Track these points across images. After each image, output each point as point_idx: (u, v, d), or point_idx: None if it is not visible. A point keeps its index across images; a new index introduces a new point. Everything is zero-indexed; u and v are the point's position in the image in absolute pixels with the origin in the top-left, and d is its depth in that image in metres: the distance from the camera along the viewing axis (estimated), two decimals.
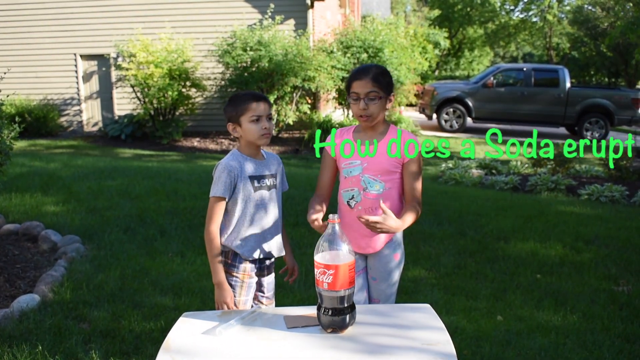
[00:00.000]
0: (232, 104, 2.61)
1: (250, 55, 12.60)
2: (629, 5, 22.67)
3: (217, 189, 2.51)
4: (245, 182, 2.55)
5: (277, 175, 2.70)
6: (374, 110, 2.57)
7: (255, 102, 2.55)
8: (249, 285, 2.62)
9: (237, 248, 2.56)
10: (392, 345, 1.96)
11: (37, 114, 14.20)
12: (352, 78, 2.62)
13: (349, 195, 2.67)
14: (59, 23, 14.74)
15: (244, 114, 2.55)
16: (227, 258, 2.60)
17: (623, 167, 9.01)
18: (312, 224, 2.42)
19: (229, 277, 2.60)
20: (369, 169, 2.62)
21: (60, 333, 3.54)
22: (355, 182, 2.65)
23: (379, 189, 2.61)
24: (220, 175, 2.52)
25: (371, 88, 2.55)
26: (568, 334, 3.75)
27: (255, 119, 2.54)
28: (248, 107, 2.54)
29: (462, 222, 6.12)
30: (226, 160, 2.57)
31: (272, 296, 2.76)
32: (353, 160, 2.66)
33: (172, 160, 11.19)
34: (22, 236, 5.42)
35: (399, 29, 15.89)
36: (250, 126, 2.55)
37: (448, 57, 39.96)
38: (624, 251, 5.40)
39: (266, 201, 2.61)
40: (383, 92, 2.58)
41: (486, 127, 17.50)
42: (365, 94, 2.56)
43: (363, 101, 2.56)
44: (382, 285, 2.76)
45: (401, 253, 2.78)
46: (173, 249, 5.20)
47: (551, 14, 34.10)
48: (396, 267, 2.77)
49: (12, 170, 7.31)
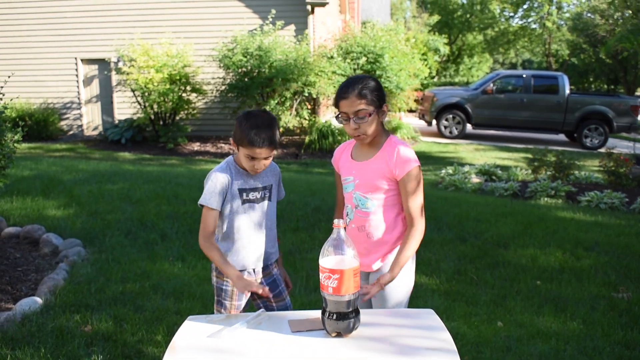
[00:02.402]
0: (241, 127, 2.44)
1: (251, 62, 12.63)
2: (628, 12, 22.75)
3: (207, 200, 2.46)
4: (233, 194, 2.50)
5: (271, 186, 2.62)
6: (367, 129, 2.43)
7: (259, 147, 2.40)
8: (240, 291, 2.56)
9: (226, 256, 2.52)
10: (396, 350, 1.97)
11: (37, 118, 14.24)
12: (338, 97, 2.47)
13: (346, 212, 2.62)
14: (59, 27, 14.79)
15: (243, 146, 2.43)
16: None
17: (622, 174, 9.04)
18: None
19: (220, 283, 2.59)
20: (360, 186, 2.52)
21: (63, 336, 3.55)
22: (348, 199, 2.57)
23: (370, 207, 2.51)
24: (213, 185, 2.47)
25: (358, 106, 2.40)
26: (568, 340, 3.76)
27: (252, 158, 2.44)
28: (249, 147, 2.41)
29: (462, 228, 6.13)
30: (217, 170, 2.51)
31: (279, 294, 2.68)
32: (347, 177, 2.58)
33: (172, 165, 11.21)
34: (23, 239, 5.43)
35: (399, 35, 15.94)
36: (244, 158, 2.46)
37: (447, 64, 40.08)
38: (624, 258, 5.42)
39: (255, 214, 2.56)
40: (373, 107, 2.42)
41: (486, 133, 17.54)
42: (353, 112, 2.41)
43: (352, 121, 2.42)
44: (383, 305, 2.57)
45: (405, 269, 2.52)
46: (174, 253, 5.21)
47: (550, 21, 34.22)
48: (399, 285, 2.52)
49: (14, 173, 7.33)
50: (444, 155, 13.25)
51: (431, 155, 13.08)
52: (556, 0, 34.09)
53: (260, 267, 2.63)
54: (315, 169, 11.33)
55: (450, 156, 13.17)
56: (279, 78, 12.52)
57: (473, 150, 14.59)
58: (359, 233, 2.54)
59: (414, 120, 19.42)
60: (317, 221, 6.17)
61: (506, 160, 12.79)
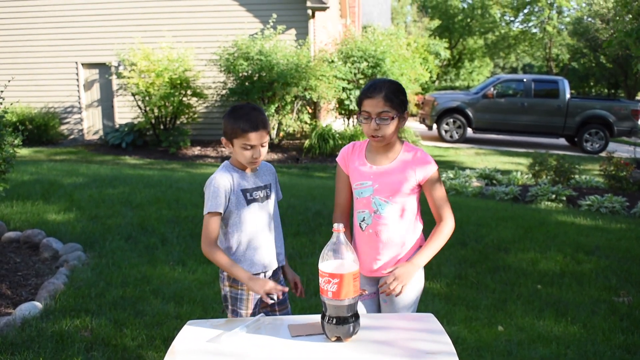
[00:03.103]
0: (230, 121, 2.45)
1: (252, 66, 12.65)
2: (629, 17, 22.76)
3: (210, 205, 2.43)
4: (237, 196, 2.48)
5: (270, 185, 2.62)
6: (386, 131, 2.42)
7: (252, 132, 2.40)
8: (254, 297, 2.55)
9: (238, 263, 2.50)
10: (395, 354, 1.96)
11: (38, 122, 14.24)
12: (364, 95, 2.45)
13: (360, 217, 2.56)
14: (60, 31, 14.81)
15: (237, 137, 2.43)
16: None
17: (623, 179, 9.03)
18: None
19: (235, 292, 2.55)
20: (380, 190, 2.49)
21: (62, 341, 3.54)
22: (366, 203, 2.53)
23: (390, 211, 2.49)
24: (213, 191, 2.44)
25: (383, 107, 2.39)
26: (569, 345, 3.76)
27: (248, 147, 2.43)
28: (242, 135, 2.41)
29: (463, 233, 6.13)
30: (217, 174, 2.48)
31: (284, 301, 2.67)
32: (364, 181, 2.53)
33: (173, 169, 11.21)
34: (23, 244, 5.43)
35: (399, 40, 15.94)
36: (240, 151, 2.44)
37: (448, 68, 40.15)
38: (624, 262, 5.41)
39: (261, 213, 2.55)
40: (396, 111, 2.42)
41: (486, 137, 17.55)
42: (376, 113, 2.40)
43: (374, 121, 2.40)
44: (393, 310, 2.55)
45: (417, 274, 2.53)
46: (174, 258, 5.21)
47: (551, 25, 34.27)
48: (410, 290, 2.52)
49: (14, 177, 7.33)
50: (445, 160, 13.25)
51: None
52: (556, 5, 34.14)
53: (275, 266, 2.62)
54: (315, 173, 11.34)
55: (451, 160, 13.17)
56: (279, 82, 12.54)
57: (474, 154, 14.59)
58: (376, 238, 2.53)
59: (415, 124, 19.42)
60: (317, 225, 6.17)
61: (507, 164, 12.79)
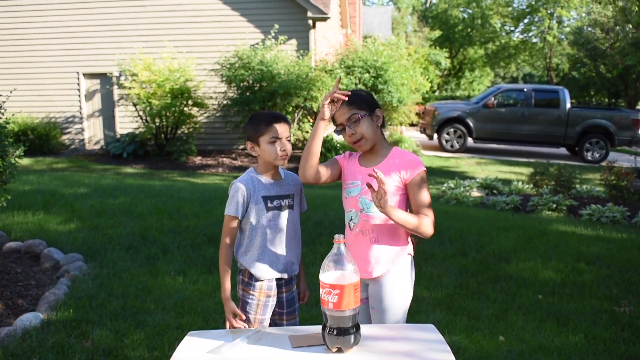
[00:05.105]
0: (252, 123, 2.60)
1: (253, 76, 12.68)
2: (629, 27, 22.83)
3: (230, 208, 2.56)
4: (258, 202, 2.56)
5: (294, 195, 2.69)
6: (362, 131, 2.52)
7: (276, 123, 2.55)
8: (265, 304, 2.60)
9: (250, 268, 2.58)
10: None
11: (39, 132, 14.25)
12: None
13: (348, 216, 2.61)
14: (62, 42, 14.87)
15: (263, 134, 2.55)
16: (244, 276, 2.63)
17: (624, 188, 9.03)
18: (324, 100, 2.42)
19: (246, 295, 2.62)
20: (368, 190, 2.48)
21: (63, 351, 3.54)
22: (353, 203, 2.58)
23: (375, 211, 2.50)
24: (234, 195, 2.56)
25: (349, 112, 2.52)
26: (570, 355, 3.75)
27: (274, 140, 2.55)
28: (267, 128, 2.55)
29: (464, 242, 6.12)
30: (240, 179, 2.60)
31: (293, 311, 2.71)
32: (354, 180, 2.60)
33: (174, 179, 11.22)
34: (24, 254, 5.43)
35: (400, 49, 15.99)
36: (268, 147, 2.56)
37: (449, 78, 40.23)
38: (626, 272, 5.40)
39: (280, 221, 2.61)
40: (363, 110, 2.53)
41: (487, 147, 17.57)
42: (346, 120, 2.52)
43: (348, 127, 2.53)
44: (381, 316, 2.54)
45: (405, 281, 2.57)
46: (175, 268, 5.20)
47: (551, 35, 34.34)
48: (399, 296, 2.54)
49: (15, 187, 7.34)
50: (446, 169, 13.26)
51: (432, 169, 13.08)
52: (557, 15, 34.25)
53: (286, 276, 2.65)
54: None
55: (452, 170, 13.18)
56: (280, 92, 12.56)
57: (474, 164, 14.60)
58: (363, 237, 2.56)
59: (415, 134, 19.45)
60: (318, 235, 6.17)
61: (507, 174, 12.80)
